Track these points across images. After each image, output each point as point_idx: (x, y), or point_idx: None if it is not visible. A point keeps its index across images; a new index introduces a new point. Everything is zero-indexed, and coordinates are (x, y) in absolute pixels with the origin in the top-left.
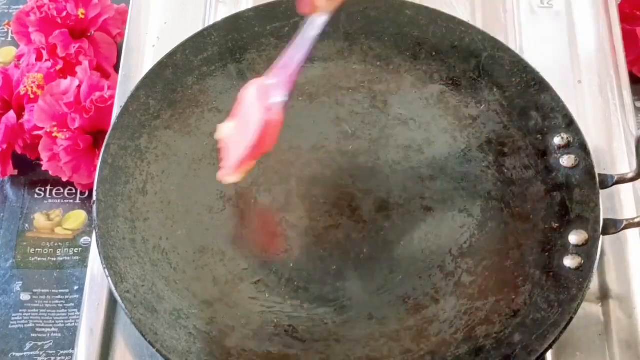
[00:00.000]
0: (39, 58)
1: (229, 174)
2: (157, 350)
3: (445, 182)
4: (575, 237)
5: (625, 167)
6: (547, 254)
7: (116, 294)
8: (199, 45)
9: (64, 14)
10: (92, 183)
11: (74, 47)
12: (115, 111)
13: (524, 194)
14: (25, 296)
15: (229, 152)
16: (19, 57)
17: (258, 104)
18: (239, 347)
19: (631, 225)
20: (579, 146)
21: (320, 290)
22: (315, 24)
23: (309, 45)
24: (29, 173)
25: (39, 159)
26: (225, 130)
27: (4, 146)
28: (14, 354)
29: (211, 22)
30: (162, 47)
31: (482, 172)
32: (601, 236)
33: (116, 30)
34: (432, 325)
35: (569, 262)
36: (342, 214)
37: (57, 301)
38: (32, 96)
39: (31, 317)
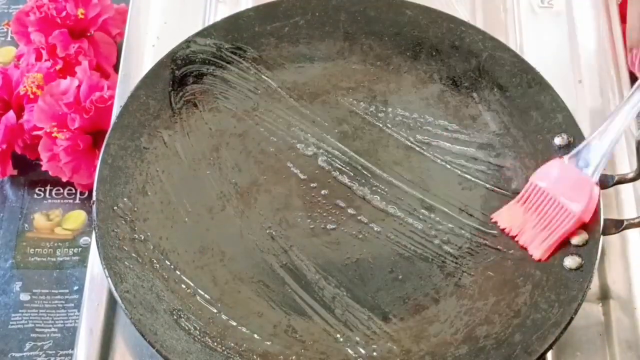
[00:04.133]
0: (39, 58)
1: (546, 256)
2: (157, 350)
3: (446, 182)
4: (575, 237)
5: (625, 167)
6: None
7: (116, 294)
8: (199, 45)
9: (64, 13)
10: (92, 183)
11: (73, 47)
12: (115, 111)
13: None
14: (24, 296)
15: (536, 236)
16: (19, 57)
17: (569, 179)
18: (239, 347)
19: (631, 225)
20: None
21: (320, 291)
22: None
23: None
24: (29, 173)
25: (38, 159)
26: (513, 215)
27: (4, 146)
28: (13, 354)
29: (211, 22)
30: (162, 47)
31: (482, 172)
32: (601, 236)
33: (116, 30)
34: (432, 325)
35: (569, 262)
36: (342, 214)
37: (56, 301)
38: (31, 96)
39: (31, 317)
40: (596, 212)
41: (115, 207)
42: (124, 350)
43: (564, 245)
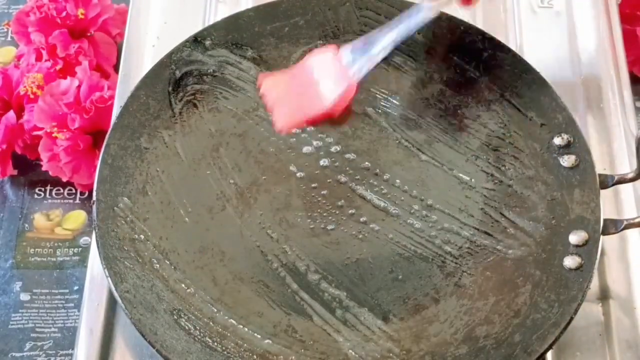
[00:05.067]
0: (39, 58)
1: (285, 129)
2: (157, 350)
3: (445, 182)
4: (575, 237)
5: (625, 167)
6: (547, 254)
7: (116, 294)
8: (199, 45)
9: (64, 14)
10: (92, 183)
11: (73, 47)
12: (115, 111)
13: (524, 194)
14: (24, 296)
15: (284, 106)
16: (19, 57)
17: (335, 68)
18: (239, 347)
19: (631, 225)
20: (579, 146)
21: (320, 290)
22: (421, 13)
23: (403, 32)
24: (29, 173)
25: (38, 159)
26: (277, 84)
27: (4, 146)
28: (13, 354)
29: (211, 22)
30: (162, 47)
31: (482, 172)
32: (601, 236)
33: (116, 30)
34: (432, 325)
35: (569, 262)
36: (342, 214)
37: (56, 301)
38: (31, 96)
39: (31, 317)
40: (349, 110)
41: (115, 207)
42: (124, 350)
43: (563, 245)
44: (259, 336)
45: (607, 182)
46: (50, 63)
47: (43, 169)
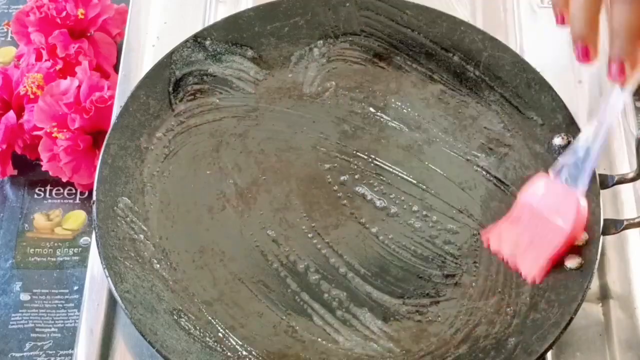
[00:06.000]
0: (39, 58)
1: (540, 278)
2: (157, 350)
3: (445, 182)
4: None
5: (625, 167)
6: None
7: (116, 294)
8: (199, 45)
9: (64, 14)
10: (92, 183)
11: (73, 47)
12: (115, 111)
13: None
14: (24, 296)
15: (525, 257)
16: (19, 57)
17: (555, 192)
18: (239, 347)
19: (631, 225)
20: None
21: (320, 291)
22: (618, 99)
23: (605, 125)
24: (29, 173)
25: (38, 159)
26: (504, 236)
27: (4, 146)
28: (13, 354)
29: (211, 22)
30: (162, 47)
31: (482, 172)
32: (601, 236)
33: (116, 30)
34: (432, 325)
35: (569, 262)
36: (342, 214)
37: (56, 301)
38: (31, 96)
39: (31, 317)
40: (585, 227)
41: (115, 207)
42: (124, 350)
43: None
44: (258, 336)
45: (607, 182)
46: (50, 63)
47: (43, 169)
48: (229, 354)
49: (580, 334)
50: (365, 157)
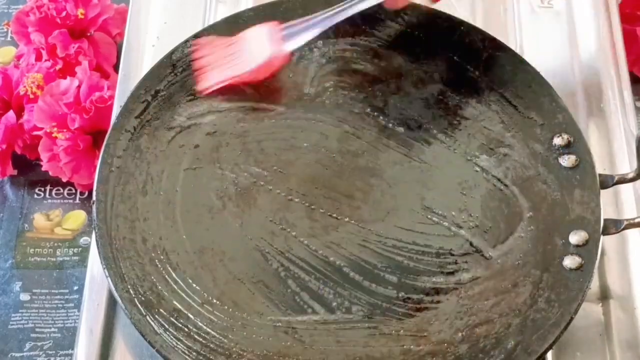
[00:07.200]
0: (39, 58)
1: (207, 88)
2: (157, 350)
3: (446, 182)
4: (575, 237)
5: (625, 167)
6: (547, 254)
7: (116, 294)
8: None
9: (64, 14)
10: (92, 183)
11: (73, 47)
12: (115, 111)
13: (524, 194)
14: (24, 296)
15: (212, 68)
16: (19, 57)
17: (269, 37)
18: (239, 347)
19: (631, 225)
20: (579, 146)
21: (320, 291)
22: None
23: (342, 14)
24: (29, 173)
25: (38, 159)
26: (212, 48)
27: (4, 146)
28: (13, 354)
29: (211, 22)
30: (162, 46)
31: (482, 172)
32: (601, 236)
33: (116, 30)
34: (432, 325)
35: (569, 262)
36: (342, 214)
37: (56, 301)
38: (31, 96)
39: (31, 317)
40: (271, 75)
41: (115, 207)
42: (124, 350)
43: (563, 245)
44: (259, 336)
45: (607, 182)
46: (50, 63)
47: (43, 169)
48: (228, 353)
49: (580, 334)
50: (366, 157)
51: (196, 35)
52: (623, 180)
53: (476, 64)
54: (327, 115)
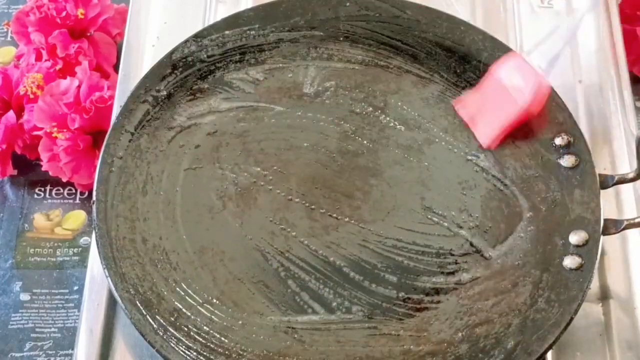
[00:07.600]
0: (39, 58)
1: (491, 144)
2: (157, 350)
3: (446, 182)
4: (575, 237)
5: (625, 167)
6: (547, 254)
7: (116, 294)
8: (199, 45)
9: (64, 13)
10: (92, 183)
11: (73, 47)
12: (115, 111)
13: (524, 194)
14: (24, 296)
15: (481, 121)
16: (19, 57)
17: (523, 69)
18: (239, 347)
19: (631, 225)
20: (579, 146)
21: (320, 291)
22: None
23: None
24: (29, 173)
25: (38, 159)
26: (470, 102)
27: (4, 146)
28: (13, 354)
29: (211, 22)
30: (162, 46)
31: (482, 172)
32: (601, 236)
33: (116, 30)
34: (432, 325)
35: (569, 262)
36: (342, 214)
37: (56, 301)
38: (31, 96)
39: (31, 317)
40: (543, 106)
41: (115, 207)
42: (124, 350)
43: (563, 245)
44: (259, 336)
45: (607, 182)
46: (50, 63)
47: (43, 169)
48: (228, 353)
49: (580, 334)
50: (366, 157)
51: (196, 35)
52: (623, 180)
53: (476, 64)
54: (327, 115)
